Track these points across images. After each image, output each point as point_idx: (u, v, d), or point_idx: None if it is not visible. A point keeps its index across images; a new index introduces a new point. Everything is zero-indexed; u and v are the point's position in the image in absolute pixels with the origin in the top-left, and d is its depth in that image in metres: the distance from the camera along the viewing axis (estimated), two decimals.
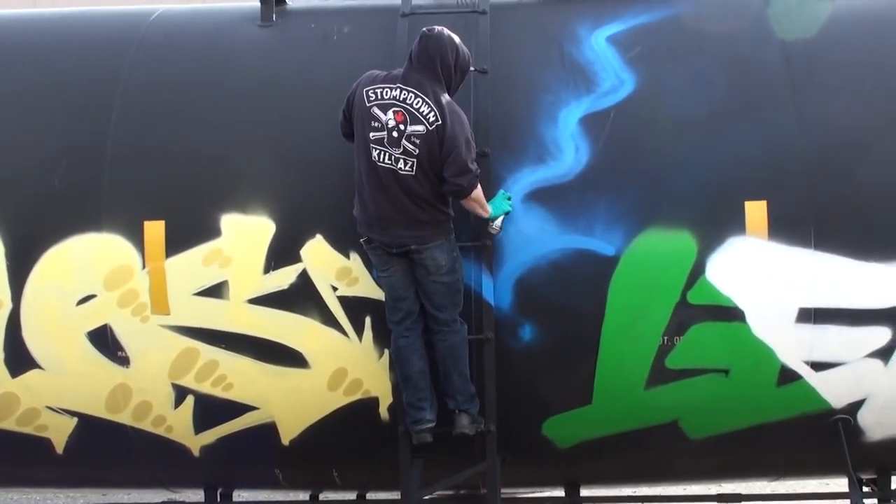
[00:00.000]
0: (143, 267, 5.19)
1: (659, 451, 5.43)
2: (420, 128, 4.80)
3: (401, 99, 4.83)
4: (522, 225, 5.09)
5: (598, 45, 5.31)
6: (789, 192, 5.07)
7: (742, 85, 5.25)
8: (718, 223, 5.05)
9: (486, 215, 4.94)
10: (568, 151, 5.10)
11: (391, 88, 4.85)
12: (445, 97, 4.87)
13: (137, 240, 5.18)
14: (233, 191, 5.21)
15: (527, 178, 5.09)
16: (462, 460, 5.21)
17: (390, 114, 4.81)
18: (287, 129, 5.29)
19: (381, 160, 4.82)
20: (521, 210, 5.08)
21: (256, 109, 5.33)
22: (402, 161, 4.81)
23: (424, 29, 4.96)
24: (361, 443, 5.34)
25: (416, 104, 4.81)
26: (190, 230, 5.19)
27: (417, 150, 4.79)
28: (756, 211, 5.04)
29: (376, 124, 4.83)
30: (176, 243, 5.18)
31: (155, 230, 5.18)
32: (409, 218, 4.86)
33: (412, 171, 4.81)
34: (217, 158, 5.28)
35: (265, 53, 5.53)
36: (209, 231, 5.17)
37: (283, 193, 5.20)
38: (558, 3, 5.66)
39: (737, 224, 5.03)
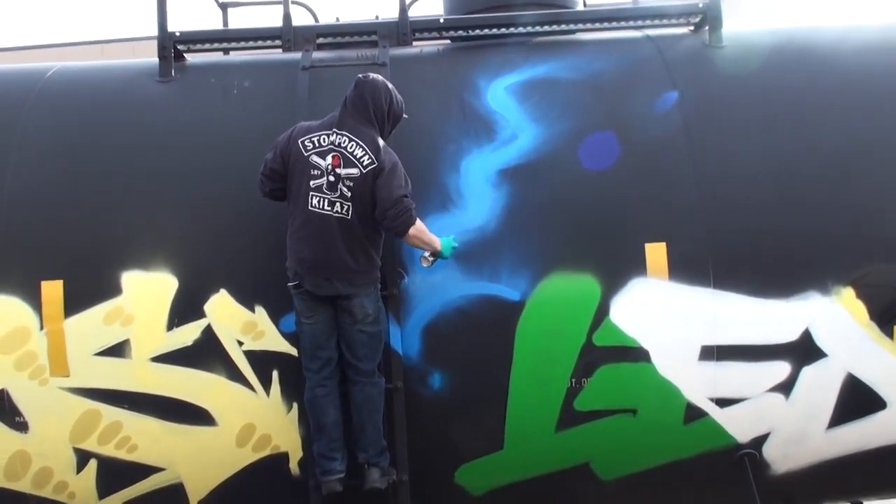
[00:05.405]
0: (41, 328, 5.06)
1: (572, 494, 5.44)
2: (354, 171, 4.86)
3: (336, 143, 4.90)
4: (428, 272, 5.10)
5: (497, 94, 5.40)
6: (688, 234, 5.18)
7: (640, 134, 5.35)
8: (621, 266, 5.13)
9: (437, 247, 4.94)
10: (471, 199, 5.16)
11: (327, 135, 4.91)
12: (381, 141, 4.94)
13: (34, 301, 5.07)
14: (133, 247, 5.13)
15: (431, 227, 5.10)
16: None
17: (329, 158, 4.87)
18: (188, 184, 5.25)
19: (321, 207, 4.85)
20: None
21: (156, 165, 5.27)
22: (338, 205, 4.84)
23: (360, 75, 5.03)
24: (272, 499, 5.25)
25: (351, 148, 4.88)
26: (89, 289, 5.09)
27: (351, 194, 4.84)
28: (656, 253, 5.15)
29: (316, 172, 4.87)
30: (75, 303, 5.07)
31: (53, 290, 5.06)
32: (342, 266, 4.86)
33: (347, 214, 4.85)
34: (116, 215, 5.20)
35: (164, 109, 5.50)
36: (110, 289, 5.08)
37: (185, 249, 5.14)
38: (457, 55, 5.77)
39: (638, 266, 5.13)
